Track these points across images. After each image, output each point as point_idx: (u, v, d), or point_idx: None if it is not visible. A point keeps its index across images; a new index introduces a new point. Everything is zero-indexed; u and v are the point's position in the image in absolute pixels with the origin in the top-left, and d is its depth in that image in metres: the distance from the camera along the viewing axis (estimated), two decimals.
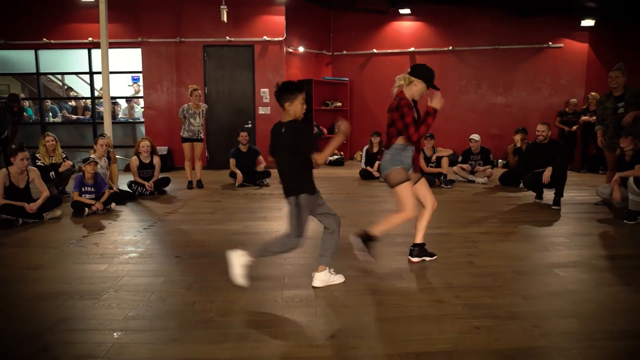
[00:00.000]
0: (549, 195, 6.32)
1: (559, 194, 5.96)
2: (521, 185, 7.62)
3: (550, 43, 10.21)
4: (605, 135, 6.15)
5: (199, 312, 2.89)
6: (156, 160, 7.02)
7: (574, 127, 9.78)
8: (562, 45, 10.19)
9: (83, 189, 5.76)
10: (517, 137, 8.15)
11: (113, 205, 5.89)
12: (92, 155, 6.47)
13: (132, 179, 6.91)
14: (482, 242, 4.42)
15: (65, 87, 11.96)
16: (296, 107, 3.06)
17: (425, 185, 3.76)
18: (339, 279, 3.35)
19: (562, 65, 10.26)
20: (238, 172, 7.53)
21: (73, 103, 11.42)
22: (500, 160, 10.29)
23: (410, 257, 3.83)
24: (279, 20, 9.65)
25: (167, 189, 7.18)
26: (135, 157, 6.92)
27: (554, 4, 9.70)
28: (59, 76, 12.15)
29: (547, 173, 5.91)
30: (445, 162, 7.89)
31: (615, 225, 5.10)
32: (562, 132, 9.94)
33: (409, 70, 3.60)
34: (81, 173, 5.83)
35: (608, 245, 4.42)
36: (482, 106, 10.86)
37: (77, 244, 4.34)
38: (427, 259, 3.83)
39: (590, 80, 10.08)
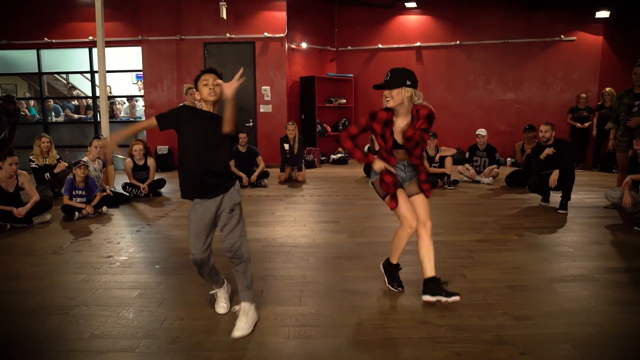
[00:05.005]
0: (556, 197, 6.06)
1: (566, 197, 5.69)
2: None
3: (562, 36, 9.84)
4: (616, 134, 5.86)
5: (166, 330, 2.73)
6: (150, 162, 6.90)
7: (587, 124, 9.44)
8: (574, 38, 9.82)
9: (74, 192, 5.66)
10: (526, 136, 7.84)
11: (104, 208, 5.78)
12: (86, 158, 6.38)
13: (128, 180, 6.82)
14: (478, 251, 4.19)
15: (69, 85, 11.92)
16: (200, 90, 2.80)
17: (421, 204, 3.17)
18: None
19: (575, 60, 9.89)
20: (244, 175, 7.38)
21: (76, 102, 11.37)
22: (508, 159, 9.99)
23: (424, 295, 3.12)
24: (280, 15, 9.44)
25: (163, 190, 7.07)
26: (129, 159, 6.81)
27: None
28: (64, 75, 12.13)
29: (554, 176, 5.63)
30: (448, 161, 7.64)
31: (625, 233, 4.82)
32: (574, 129, 9.60)
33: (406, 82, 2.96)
34: (72, 176, 5.72)
35: (615, 256, 4.15)
36: (490, 102, 10.55)
37: (60, 252, 4.23)
38: (443, 299, 3.03)
39: (604, 75, 9.71)
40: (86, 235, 4.80)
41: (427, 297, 3.05)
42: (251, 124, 9.58)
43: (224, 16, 8.61)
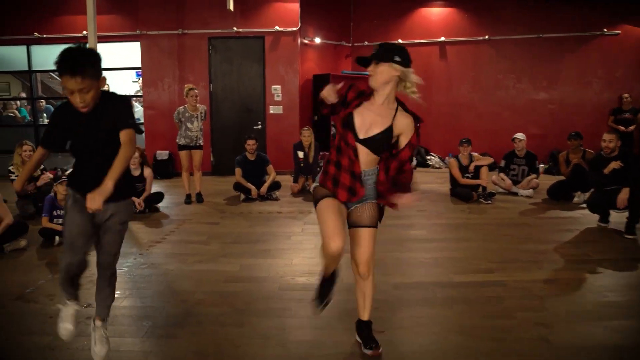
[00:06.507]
0: (617, 217, 5.17)
1: (634, 219, 4.80)
2: (575, 200, 6.50)
3: (605, 30, 8.90)
4: None
5: None
6: (147, 173, 6.05)
7: (631, 127, 8.52)
8: (619, 32, 8.88)
9: (55, 212, 4.82)
10: (571, 144, 6.90)
11: None
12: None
13: None
14: (550, 298, 3.32)
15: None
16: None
17: (365, 239, 2.47)
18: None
19: (618, 56, 8.95)
20: (252, 187, 6.53)
21: None
22: (542, 165, 9.07)
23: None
24: (293, 7, 8.55)
25: (160, 205, 6.22)
26: None
27: None
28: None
29: (624, 196, 4.75)
30: (484, 172, 6.75)
31: None
32: (616, 132, 8.68)
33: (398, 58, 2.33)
34: (53, 194, 4.88)
35: None
36: (520, 103, 9.63)
37: (27, 297, 3.39)
38: (368, 352, 2.53)
39: None
40: None
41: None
42: (260, 126, 8.73)
43: (231, 8, 7.75)
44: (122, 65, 9.56)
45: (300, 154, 7.04)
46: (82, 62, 2.01)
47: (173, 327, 2.91)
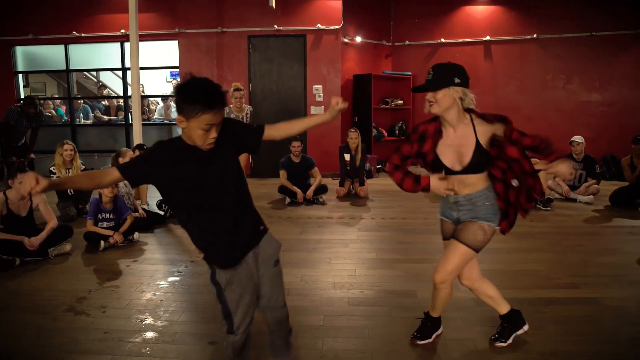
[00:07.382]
0: None
1: None
2: None
3: None
4: None
5: None
6: None
7: None
8: None
9: (100, 215, 4.62)
10: (635, 148, 6.46)
11: (136, 235, 4.72)
12: None
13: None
14: None
15: (100, 84, 11.02)
16: (192, 130, 1.74)
17: (452, 250, 2.44)
18: None
19: None
20: (298, 190, 6.27)
21: (106, 102, 10.46)
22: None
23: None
24: (336, 5, 8.28)
25: None
26: None
27: None
28: (94, 73, 11.26)
29: None
30: (542, 176, 6.32)
31: None
32: None
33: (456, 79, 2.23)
34: (97, 196, 4.69)
35: None
36: (571, 104, 9.16)
37: (78, 308, 3.16)
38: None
39: None
40: (113, 279, 3.73)
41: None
42: None
43: (273, 5, 7.51)
44: (157, 64, 9.44)
45: (347, 157, 6.73)
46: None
47: None
